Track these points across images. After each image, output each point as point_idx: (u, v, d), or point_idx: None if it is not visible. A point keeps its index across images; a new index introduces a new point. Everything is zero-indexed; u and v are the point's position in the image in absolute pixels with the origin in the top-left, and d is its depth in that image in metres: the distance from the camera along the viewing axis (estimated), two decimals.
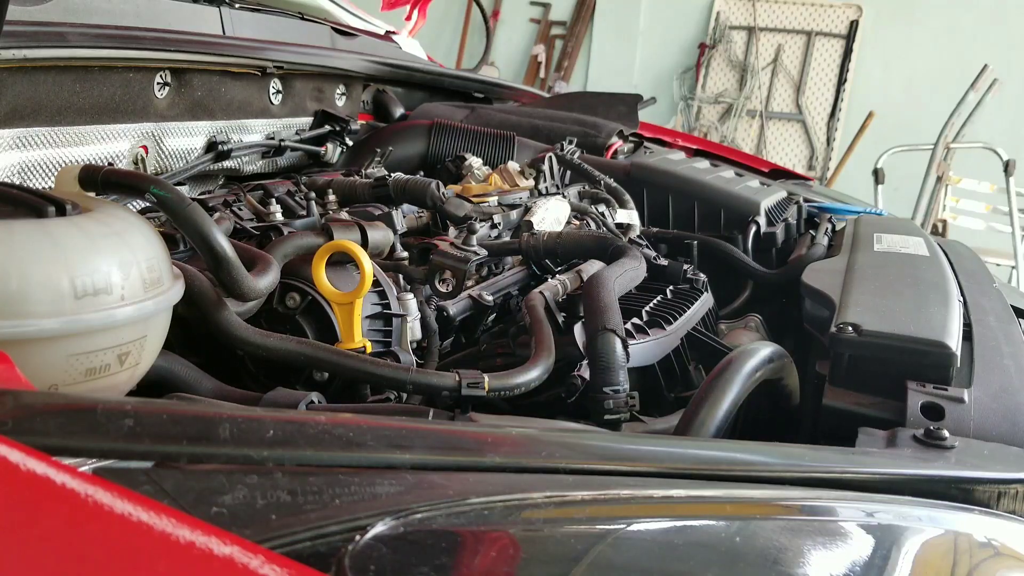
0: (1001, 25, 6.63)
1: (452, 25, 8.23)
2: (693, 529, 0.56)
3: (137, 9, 1.41)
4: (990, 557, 0.64)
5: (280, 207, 1.26)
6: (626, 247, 1.26)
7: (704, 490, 0.59)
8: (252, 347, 0.87)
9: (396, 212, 1.30)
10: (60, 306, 0.64)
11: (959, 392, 0.87)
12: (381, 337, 1.03)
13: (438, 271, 1.16)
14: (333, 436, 0.54)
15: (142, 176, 0.99)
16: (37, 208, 0.69)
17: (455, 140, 1.89)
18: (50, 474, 0.39)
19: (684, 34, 7.87)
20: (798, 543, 0.55)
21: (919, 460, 0.70)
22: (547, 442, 0.63)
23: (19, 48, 1.09)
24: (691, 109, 7.82)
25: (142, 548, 0.37)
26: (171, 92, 1.42)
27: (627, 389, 0.93)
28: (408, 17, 2.51)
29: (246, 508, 0.45)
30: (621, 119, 2.22)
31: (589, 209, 1.57)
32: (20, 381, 0.55)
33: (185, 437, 0.51)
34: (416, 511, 0.47)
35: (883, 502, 0.63)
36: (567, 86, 7.88)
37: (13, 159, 1.13)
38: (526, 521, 0.52)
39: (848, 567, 0.55)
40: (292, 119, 1.77)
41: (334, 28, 2.03)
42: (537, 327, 1.01)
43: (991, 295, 1.26)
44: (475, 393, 0.85)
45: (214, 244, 0.86)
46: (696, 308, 1.29)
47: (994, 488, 0.68)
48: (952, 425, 0.81)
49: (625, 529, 0.54)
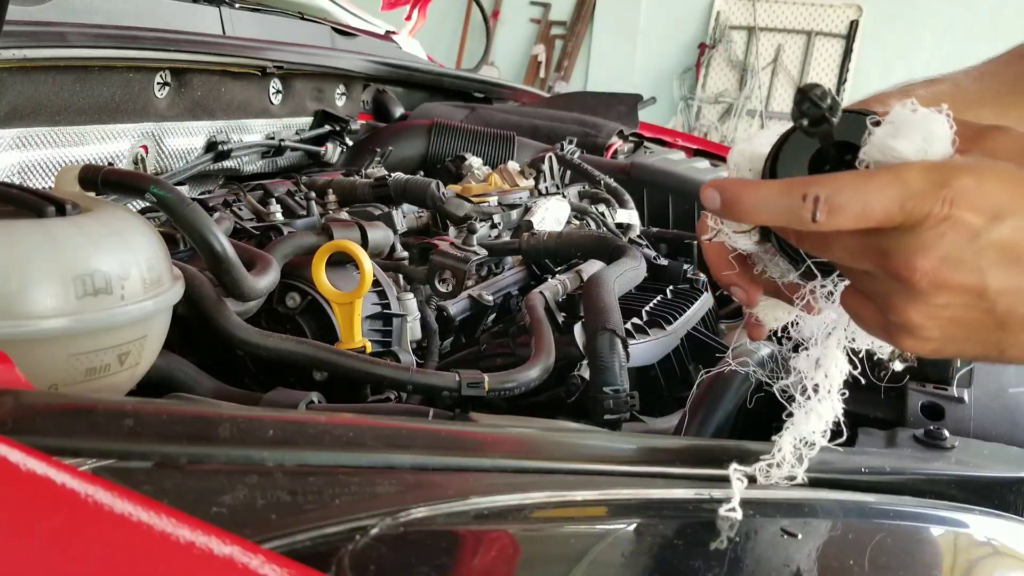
0: (1001, 25, 6.63)
1: (452, 25, 8.23)
2: (693, 529, 0.56)
3: (137, 9, 1.41)
4: (990, 556, 0.64)
5: (280, 207, 1.26)
6: (626, 247, 1.26)
7: (704, 490, 0.59)
8: (252, 347, 0.87)
9: (396, 212, 1.30)
10: (60, 306, 0.64)
11: (959, 392, 0.87)
12: (381, 337, 1.03)
13: (438, 271, 1.16)
14: (333, 436, 0.54)
15: (142, 176, 0.99)
16: (37, 208, 0.69)
17: (455, 140, 1.89)
18: (50, 474, 0.39)
19: (684, 34, 7.87)
20: (799, 543, 0.55)
21: (919, 460, 0.70)
22: (547, 442, 0.63)
23: (19, 48, 1.09)
24: (691, 109, 7.82)
25: (142, 548, 0.37)
26: (171, 92, 1.42)
27: (627, 389, 0.93)
28: (408, 17, 2.51)
29: (246, 508, 0.45)
30: (621, 119, 2.22)
31: (589, 209, 1.57)
32: (20, 381, 0.55)
33: (185, 437, 0.51)
34: (416, 511, 0.47)
35: (883, 502, 0.63)
36: (567, 86, 7.88)
37: (13, 159, 1.13)
38: (526, 521, 0.52)
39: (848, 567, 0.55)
40: (292, 119, 1.77)
41: (334, 28, 2.03)
42: (537, 327, 1.00)
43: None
44: (475, 393, 0.85)
45: (214, 244, 0.86)
46: (696, 308, 1.29)
47: (994, 488, 0.68)
48: (952, 425, 0.81)
49: (625, 529, 0.54)
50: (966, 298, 0.49)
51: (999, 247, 0.47)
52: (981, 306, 0.49)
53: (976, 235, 0.47)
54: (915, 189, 0.47)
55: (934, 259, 0.48)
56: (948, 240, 0.47)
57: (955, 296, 0.49)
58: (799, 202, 0.49)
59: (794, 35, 7.61)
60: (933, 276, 0.48)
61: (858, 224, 0.48)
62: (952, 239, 0.47)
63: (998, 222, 0.47)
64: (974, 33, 6.68)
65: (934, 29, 6.87)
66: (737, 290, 0.62)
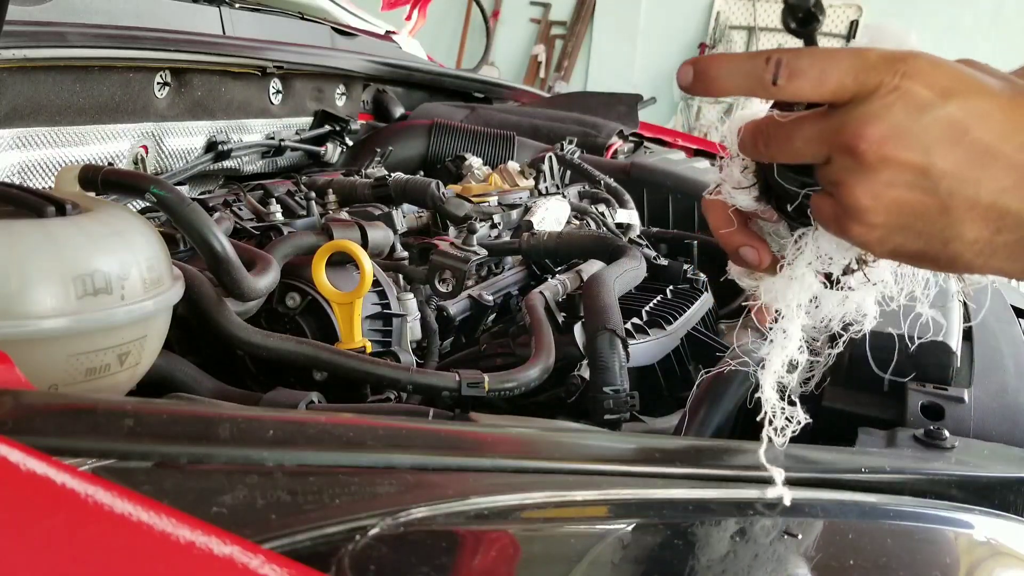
0: (1001, 25, 6.63)
1: (452, 25, 8.23)
2: (693, 529, 0.56)
3: (137, 9, 1.41)
4: (990, 556, 0.64)
5: (280, 207, 1.26)
6: (626, 247, 1.26)
7: (704, 490, 0.59)
8: (252, 347, 0.87)
9: (396, 212, 1.30)
10: (60, 306, 0.64)
11: (959, 392, 0.87)
12: (381, 337, 1.03)
13: (438, 271, 1.16)
14: (333, 436, 0.54)
15: (142, 176, 0.99)
16: (37, 208, 0.69)
17: (455, 140, 1.89)
18: (50, 474, 0.39)
19: (684, 34, 7.87)
20: (799, 544, 0.55)
21: (919, 460, 0.70)
22: (547, 442, 0.63)
23: (19, 48, 1.09)
24: (691, 109, 7.82)
25: (142, 548, 0.37)
26: (171, 92, 1.42)
27: (627, 389, 0.93)
28: (408, 17, 2.51)
29: (246, 508, 0.45)
30: (621, 119, 2.22)
31: (589, 209, 1.57)
32: (20, 381, 0.55)
33: (185, 437, 0.51)
34: (416, 511, 0.47)
35: (883, 502, 0.63)
36: (567, 86, 7.88)
37: (13, 159, 1.13)
38: (526, 521, 0.52)
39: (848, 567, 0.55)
40: (292, 119, 1.77)
41: (334, 28, 2.03)
42: (537, 327, 1.00)
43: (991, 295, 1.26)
44: (475, 393, 0.85)
45: (214, 244, 0.86)
46: (696, 308, 1.29)
47: (994, 488, 0.68)
48: (952, 425, 0.81)
49: (625, 529, 0.54)
50: (909, 176, 0.49)
51: (946, 124, 0.48)
52: (924, 185, 0.49)
53: (924, 109, 0.48)
54: (871, 62, 0.49)
55: (882, 128, 0.49)
56: (897, 110, 0.49)
57: (899, 172, 0.49)
58: (762, 65, 0.51)
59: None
60: (879, 147, 0.49)
61: (815, 91, 0.50)
62: (901, 109, 0.49)
63: (947, 100, 0.48)
64: (974, 33, 6.68)
65: (934, 29, 6.86)
66: (747, 250, 0.61)
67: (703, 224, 1.82)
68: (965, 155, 0.48)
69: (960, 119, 0.48)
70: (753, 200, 0.60)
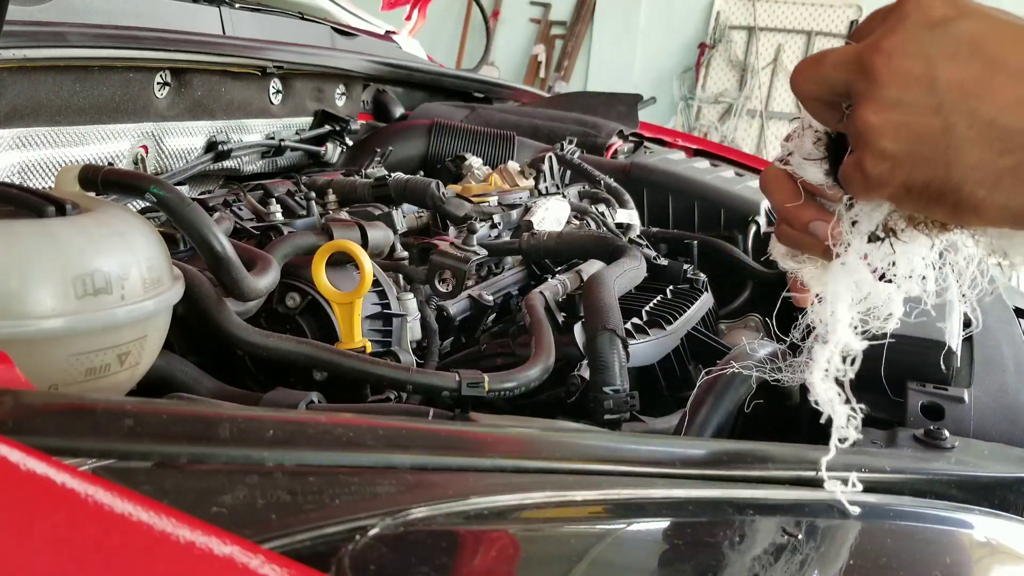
0: None
1: (452, 25, 8.23)
2: (693, 529, 0.56)
3: (137, 9, 1.41)
4: (990, 556, 0.64)
5: (280, 207, 1.26)
6: (626, 247, 1.26)
7: (704, 490, 0.59)
8: (252, 347, 0.87)
9: (396, 212, 1.30)
10: (60, 306, 0.64)
11: (959, 392, 0.87)
12: (381, 337, 1.03)
13: (438, 271, 1.16)
14: (333, 436, 0.54)
15: (142, 176, 0.99)
16: (37, 208, 0.69)
17: (455, 140, 1.89)
18: (50, 474, 0.39)
19: (684, 34, 7.87)
20: (798, 543, 0.55)
21: (919, 460, 0.70)
22: (547, 442, 0.63)
23: (19, 48, 1.09)
24: (691, 109, 7.82)
25: (142, 548, 0.37)
26: (171, 92, 1.42)
27: (627, 389, 0.93)
28: (408, 17, 2.51)
29: (246, 508, 0.45)
30: (621, 119, 2.22)
31: (589, 209, 1.57)
32: (20, 381, 0.55)
33: (185, 437, 0.51)
34: (416, 511, 0.47)
35: (883, 502, 0.63)
36: (567, 86, 7.88)
37: (13, 159, 1.13)
38: (526, 521, 0.52)
39: (848, 567, 0.55)
40: (292, 119, 1.77)
41: (334, 28, 2.03)
42: (537, 327, 1.01)
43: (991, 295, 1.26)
44: (475, 393, 0.85)
45: (214, 244, 0.86)
46: (696, 308, 1.29)
47: (994, 488, 0.68)
48: (952, 425, 0.81)
49: (625, 529, 0.54)
50: (915, 91, 0.50)
51: (956, 39, 0.50)
52: (929, 103, 0.50)
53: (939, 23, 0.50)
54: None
55: (894, 40, 0.50)
56: (912, 22, 0.50)
57: (905, 87, 0.50)
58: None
59: (794, 35, 7.61)
60: (888, 58, 0.50)
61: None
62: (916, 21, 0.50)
63: (963, 18, 0.50)
64: None
65: None
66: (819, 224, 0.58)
67: (703, 224, 1.83)
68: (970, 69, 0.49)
69: (973, 35, 0.49)
70: (824, 174, 0.58)
